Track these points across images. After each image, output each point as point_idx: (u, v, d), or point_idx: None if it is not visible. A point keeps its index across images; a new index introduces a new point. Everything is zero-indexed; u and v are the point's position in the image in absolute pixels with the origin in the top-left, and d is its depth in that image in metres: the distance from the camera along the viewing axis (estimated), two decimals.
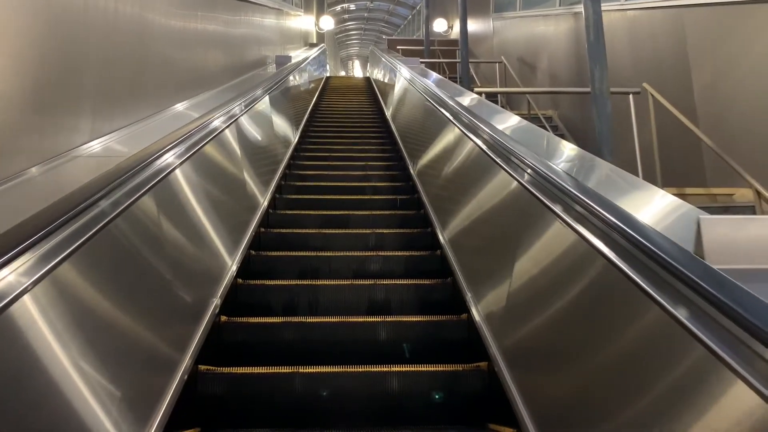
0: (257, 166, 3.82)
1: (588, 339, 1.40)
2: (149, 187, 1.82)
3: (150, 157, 1.90)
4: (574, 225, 1.50)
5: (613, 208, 1.35)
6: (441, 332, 2.38)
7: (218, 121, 2.96)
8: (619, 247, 1.27)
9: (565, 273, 1.58)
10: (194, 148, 2.39)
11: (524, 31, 9.58)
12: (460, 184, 3.13)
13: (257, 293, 2.68)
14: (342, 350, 2.29)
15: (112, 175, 1.63)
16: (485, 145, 2.51)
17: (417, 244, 3.35)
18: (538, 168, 1.82)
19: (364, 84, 11.73)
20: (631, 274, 1.19)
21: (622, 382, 1.23)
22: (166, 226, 1.96)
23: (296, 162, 5.12)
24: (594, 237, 1.39)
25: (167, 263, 1.92)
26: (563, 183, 1.62)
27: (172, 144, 2.15)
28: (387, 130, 6.60)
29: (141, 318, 1.67)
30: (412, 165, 4.55)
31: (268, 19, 7.36)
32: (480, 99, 3.61)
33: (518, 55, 9.57)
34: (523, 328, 1.84)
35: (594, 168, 1.94)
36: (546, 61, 8.51)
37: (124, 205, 1.63)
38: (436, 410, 2.02)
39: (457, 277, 2.59)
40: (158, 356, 1.74)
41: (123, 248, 1.64)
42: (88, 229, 1.40)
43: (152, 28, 3.53)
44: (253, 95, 4.04)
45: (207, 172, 2.63)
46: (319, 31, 16.09)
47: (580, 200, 1.48)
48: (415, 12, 25.16)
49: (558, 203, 1.64)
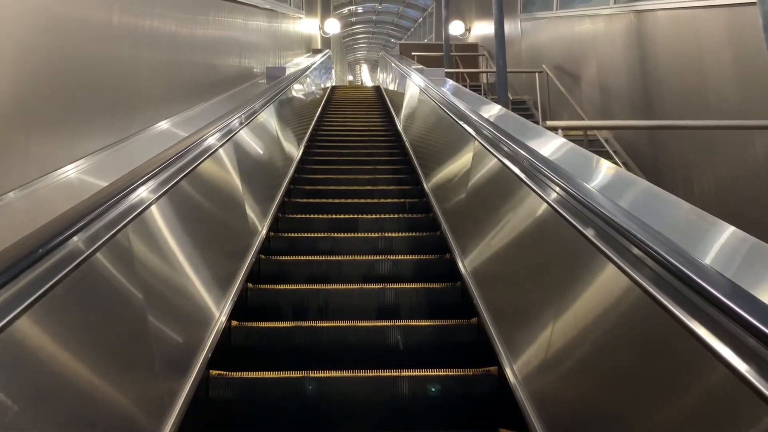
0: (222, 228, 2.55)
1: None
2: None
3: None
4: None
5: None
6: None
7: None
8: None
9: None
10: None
11: (563, 33, 8.12)
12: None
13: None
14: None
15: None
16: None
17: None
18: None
19: (374, 96, 10.31)
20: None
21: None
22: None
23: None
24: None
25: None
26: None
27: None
28: (408, 165, 5.17)
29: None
30: (458, 248, 3.11)
31: (255, 21, 5.90)
32: (573, 147, 2.20)
33: (555, 63, 8.12)
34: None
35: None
36: (594, 70, 7.06)
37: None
38: (447, 415, 1.97)
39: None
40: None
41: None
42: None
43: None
44: (221, 134, 2.65)
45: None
46: (324, 35, 14.70)
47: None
48: (426, 14, 23.93)
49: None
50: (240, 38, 5.07)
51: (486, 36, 12.66)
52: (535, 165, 1.95)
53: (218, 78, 4.33)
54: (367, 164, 5.07)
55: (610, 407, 1.33)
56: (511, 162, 2.23)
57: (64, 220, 1.24)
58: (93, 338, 1.31)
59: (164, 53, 3.43)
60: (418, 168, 4.70)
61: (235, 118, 2.99)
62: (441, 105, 3.99)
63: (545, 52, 8.60)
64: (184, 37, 3.75)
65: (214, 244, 2.37)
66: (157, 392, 1.55)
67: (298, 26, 10.09)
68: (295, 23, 9.54)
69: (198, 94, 3.71)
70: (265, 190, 3.55)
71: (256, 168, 3.45)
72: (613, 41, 6.52)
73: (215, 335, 2.02)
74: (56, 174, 1.64)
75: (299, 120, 5.71)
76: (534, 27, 9.30)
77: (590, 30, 7.14)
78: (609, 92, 6.66)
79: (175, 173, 1.94)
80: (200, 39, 3.98)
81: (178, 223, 1.95)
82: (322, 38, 14.54)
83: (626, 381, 1.27)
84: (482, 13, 13.30)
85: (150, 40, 3.27)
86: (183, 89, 3.67)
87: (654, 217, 1.31)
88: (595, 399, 1.42)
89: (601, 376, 1.38)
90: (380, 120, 7.61)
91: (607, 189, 1.62)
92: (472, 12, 14.00)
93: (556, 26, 8.35)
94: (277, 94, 4.57)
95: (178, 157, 1.99)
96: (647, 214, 1.33)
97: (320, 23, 14.45)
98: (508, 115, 3.03)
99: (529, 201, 2.00)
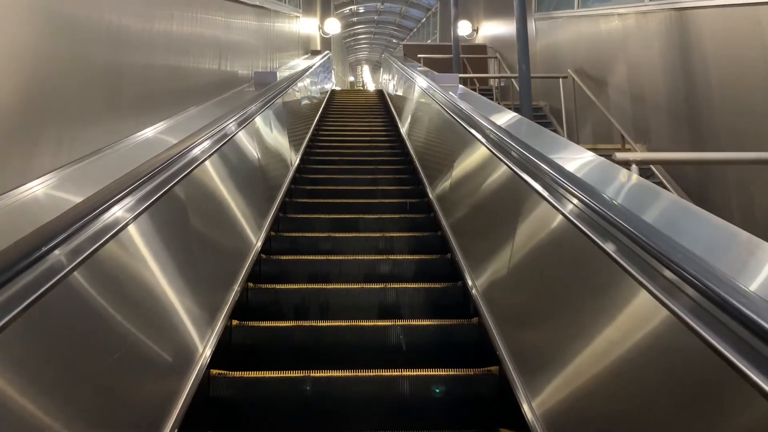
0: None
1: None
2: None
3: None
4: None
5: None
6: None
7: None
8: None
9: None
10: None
11: (586, 34, 7.36)
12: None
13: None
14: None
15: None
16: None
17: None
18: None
19: (377, 101, 9.56)
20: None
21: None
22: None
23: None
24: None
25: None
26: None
27: None
28: (419, 189, 4.40)
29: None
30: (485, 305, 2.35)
31: (241, 19, 5.11)
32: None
33: (575, 66, 7.36)
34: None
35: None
36: (623, 74, 6.29)
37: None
38: (447, 414, 1.94)
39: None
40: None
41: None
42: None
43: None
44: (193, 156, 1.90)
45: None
46: (324, 35, 13.94)
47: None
48: (430, 14, 23.21)
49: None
50: (220, 38, 4.27)
51: (495, 36, 11.89)
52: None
53: (187, 86, 3.53)
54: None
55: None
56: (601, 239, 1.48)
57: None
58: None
59: (102, 54, 2.62)
60: (433, 200, 3.93)
61: (193, 150, 2.23)
62: (461, 121, 3.23)
63: (563, 54, 7.83)
64: (135, 34, 2.95)
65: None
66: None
67: (295, 26, 9.32)
68: (291, 22, 8.76)
69: (153, 108, 2.93)
70: (231, 252, 2.62)
71: (219, 216, 2.63)
72: (648, 42, 5.76)
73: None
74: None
75: (292, 134, 4.94)
76: (550, 27, 8.53)
77: (619, 30, 6.37)
78: (643, 100, 5.90)
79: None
80: (160, 37, 3.16)
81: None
82: (322, 39, 13.78)
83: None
84: (491, 13, 12.54)
85: (80, 36, 2.49)
86: (134, 101, 2.87)
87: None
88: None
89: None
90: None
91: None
92: (479, 11, 13.23)
93: (577, 26, 7.58)
94: (263, 107, 3.81)
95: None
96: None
97: (320, 23, 13.69)
98: (569, 146, 2.28)
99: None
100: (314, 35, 12.76)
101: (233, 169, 2.85)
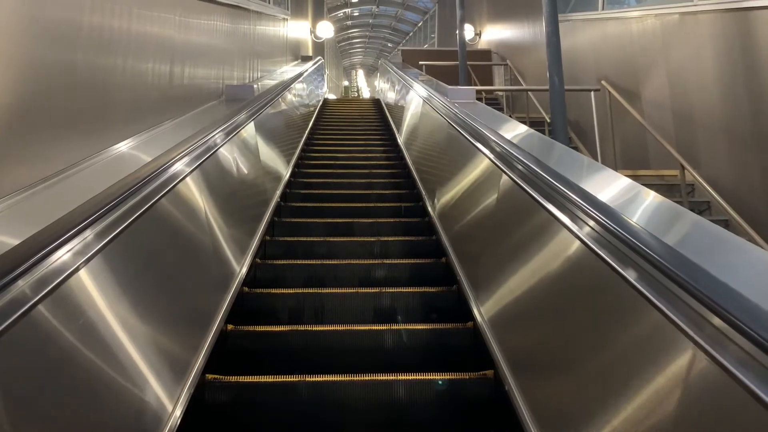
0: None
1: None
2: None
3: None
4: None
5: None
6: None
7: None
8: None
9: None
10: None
11: (613, 39, 6.44)
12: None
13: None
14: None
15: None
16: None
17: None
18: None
19: (374, 111, 8.62)
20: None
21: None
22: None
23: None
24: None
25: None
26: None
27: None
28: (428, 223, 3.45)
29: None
30: None
31: (207, 20, 4.11)
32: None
33: (600, 75, 6.45)
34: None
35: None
36: (663, 86, 5.38)
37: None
38: (443, 417, 1.93)
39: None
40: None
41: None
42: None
43: None
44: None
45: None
46: (317, 39, 13.00)
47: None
48: (427, 17, 22.35)
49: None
50: (174, 40, 3.25)
51: (501, 41, 10.98)
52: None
53: (111, 101, 2.44)
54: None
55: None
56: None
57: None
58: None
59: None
60: (442, 234, 2.99)
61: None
62: (508, 170, 2.29)
63: (585, 62, 6.92)
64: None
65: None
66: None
67: (283, 29, 8.37)
68: (277, 25, 7.81)
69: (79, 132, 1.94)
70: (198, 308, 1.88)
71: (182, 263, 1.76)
72: (697, 50, 4.85)
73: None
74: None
75: (269, 166, 3.99)
76: (569, 31, 7.62)
77: (657, 35, 5.46)
78: (690, 117, 4.98)
79: None
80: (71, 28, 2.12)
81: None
82: (314, 43, 12.84)
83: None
84: (495, 16, 11.64)
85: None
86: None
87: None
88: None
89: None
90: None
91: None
92: (482, 14, 12.32)
93: (603, 29, 6.67)
94: (228, 136, 2.86)
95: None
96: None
97: (312, 26, 12.76)
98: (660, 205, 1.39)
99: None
100: (305, 39, 11.81)
101: (190, 214, 1.90)
